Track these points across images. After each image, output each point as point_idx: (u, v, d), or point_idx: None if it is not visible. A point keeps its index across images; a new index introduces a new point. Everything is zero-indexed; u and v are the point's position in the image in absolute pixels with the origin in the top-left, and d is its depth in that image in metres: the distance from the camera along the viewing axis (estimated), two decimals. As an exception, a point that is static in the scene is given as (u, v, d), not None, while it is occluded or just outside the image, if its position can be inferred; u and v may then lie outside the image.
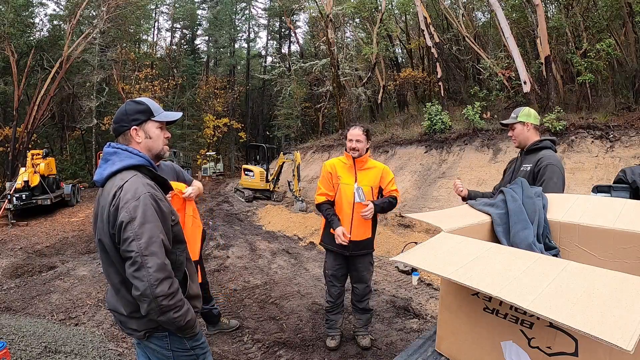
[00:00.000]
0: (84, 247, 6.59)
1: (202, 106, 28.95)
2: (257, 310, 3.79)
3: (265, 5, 35.26)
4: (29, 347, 2.57)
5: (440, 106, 10.98)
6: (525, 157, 2.35)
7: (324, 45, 18.73)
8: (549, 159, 2.18)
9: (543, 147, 2.28)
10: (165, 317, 1.29)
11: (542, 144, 2.29)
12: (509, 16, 11.14)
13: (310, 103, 25.32)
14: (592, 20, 10.23)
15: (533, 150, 2.31)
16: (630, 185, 2.12)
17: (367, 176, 2.81)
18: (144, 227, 1.27)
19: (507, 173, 2.49)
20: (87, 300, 3.99)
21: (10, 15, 15.33)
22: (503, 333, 0.94)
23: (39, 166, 10.18)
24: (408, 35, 19.41)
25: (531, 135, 2.35)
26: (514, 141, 2.40)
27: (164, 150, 1.54)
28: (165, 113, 1.54)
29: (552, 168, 2.13)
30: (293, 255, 5.98)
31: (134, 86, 22.31)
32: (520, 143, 2.37)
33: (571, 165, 7.22)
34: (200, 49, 34.31)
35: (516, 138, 2.37)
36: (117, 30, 19.96)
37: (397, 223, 8.27)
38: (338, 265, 2.89)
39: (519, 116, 2.34)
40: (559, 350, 0.83)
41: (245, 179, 13.83)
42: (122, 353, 2.89)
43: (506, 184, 2.39)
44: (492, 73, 11.19)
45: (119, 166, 1.38)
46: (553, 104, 8.79)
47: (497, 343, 0.95)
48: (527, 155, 2.34)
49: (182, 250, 1.49)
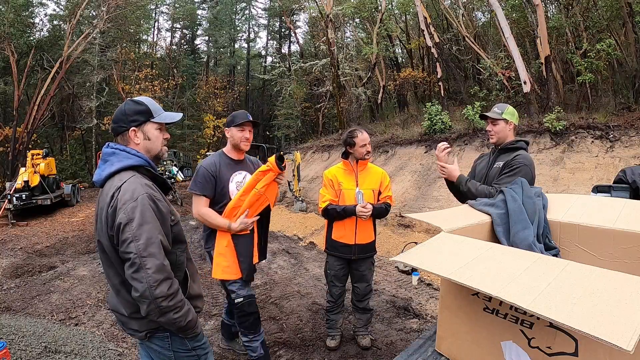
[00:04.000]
0: (84, 247, 6.58)
1: (202, 106, 28.92)
2: (257, 310, 3.78)
3: (265, 5, 35.26)
4: (29, 347, 2.57)
5: (440, 106, 10.97)
6: (499, 156, 2.38)
7: (324, 45, 18.72)
8: (525, 158, 2.22)
9: (518, 147, 2.32)
10: (165, 318, 1.29)
11: (517, 144, 2.33)
12: (509, 16, 11.14)
13: (310, 103, 25.29)
14: (592, 20, 10.23)
15: (508, 149, 2.34)
16: (630, 185, 2.13)
17: (368, 179, 2.83)
18: (142, 228, 1.26)
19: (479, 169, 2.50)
20: (87, 300, 3.99)
21: (10, 15, 15.33)
22: (503, 333, 0.94)
23: (39, 166, 10.17)
24: (408, 35, 19.40)
25: (510, 134, 2.38)
26: (492, 136, 2.41)
27: (162, 152, 1.53)
28: (165, 114, 1.53)
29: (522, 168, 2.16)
30: (293, 255, 5.98)
31: (134, 86, 22.30)
32: (499, 140, 2.40)
33: (571, 165, 7.23)
34: (200, 49, 34.30)
35: (496, 134, 2.39)
36: (117, 30, 19.95)
37: (397, 223, 8.26)
38: (340, 266, 2.90)
39: (504, 113, 2.36)
40: (559, 350, 0.83)
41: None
42: (122, 353, 2.89)
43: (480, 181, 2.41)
44: (492, 73, 11.18)
45: (117, 167, 1.37)
46: (553, 104, 8.79)
47: (497, 343, 0.95)
48: (501, 154, 2.38)
49: (182, 250, 1.48)
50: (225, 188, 2.41)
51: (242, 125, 2.43)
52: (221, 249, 2.37)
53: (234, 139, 2.46)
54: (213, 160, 2.46)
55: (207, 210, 2.38)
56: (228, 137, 2.49)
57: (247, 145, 2.48)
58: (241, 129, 2.44)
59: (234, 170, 2.47)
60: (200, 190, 2.36)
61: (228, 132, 2.48)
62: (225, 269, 2.35)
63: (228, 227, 2.34)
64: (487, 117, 2.40)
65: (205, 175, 2.37)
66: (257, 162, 2.64)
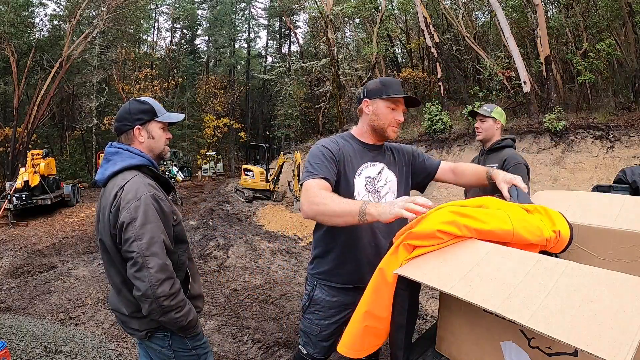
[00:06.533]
0: (84, 247, 6.58)
1: (202, 106, 28.94)
2: (257, 310, 3.78)
3: (265, 5, 35.28)
4: (29, 347, 2.57)
5: (440, 106, 10.98)
6: (488, 157, 2.44)
7: (324, 45, 18.72)
8: (515, 157, 2.29)
9: (505, 145, 2.40)
10: (167, 317, 1.29)
11: (504, 142, 2.41)
12: (509, 16, 11.14)
13: (310, 103, 25.29)
14: (592, 20, 10.23)
15: (496, 149, 2.41)
16: (630, 185, 2.13)
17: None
18: (145, 227, 1.27)
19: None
20: (87, 300, 3.99)
21: (10, 15, 15.32)
22: (503, 333, 0.94)
23: (39, 166, 10.17)
24: (408, 35, 19.40)
25: (497, 134, 2.46)
26: (480, 133, 2.48)
27: (165, 151, 1.55)
28: (169, 114, 1.54)
29: (520, 167, 2.24)
30: (293, 255, 5.98)
31: (134, 86, 22.32)
32: (485, 138, 2.46)
33: (571, 165, 7.23)
34: (200, 49, 34.33)
35: (484, 131, 2.46)
36: (117, 30, 19.97)
37: (397, 223, 8.26)
38: None
39: (493, 112, 2.43)
40: (558, 351, 0.83)
41: (245, 179, 13.83)
42: (122, 353, 2.89)
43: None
44: (492, 73, 11.18)
45: (120, 166, 1.38)
46: (553, 104, 8.79)
47: (497, 343, 0.95)
48: (490, 154, 2.44)
49: (184, 250, 1.49)
50: (349, 184, 1.56)
51: (395, 101, 1.57)
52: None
53: (378, 119, 1.57)
54: (336, 140, 1.61)
55: (328, 193, 1.36)
56: (367, 112, 1.60)
57: (395, 132, 1.61)
58: (393, 106, 1.57)
59: (365, 160, 1.62)
60: (317, 172, 1.45)
61: (368, 105, 1.59)
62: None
63: (370, 215, 1.19)
64: (477, 114, 2.47)
65: (323, 155, 1.50)
66: (401, 150, 1.76)
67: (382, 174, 1.64)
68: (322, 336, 1.64)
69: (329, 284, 1.63)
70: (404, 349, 1.16)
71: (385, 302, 1.11)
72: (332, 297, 1.63)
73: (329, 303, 1.63)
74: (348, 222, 1.25)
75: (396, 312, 1.12)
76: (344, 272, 1.60)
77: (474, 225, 1.05)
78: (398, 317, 1.13)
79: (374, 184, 1.62)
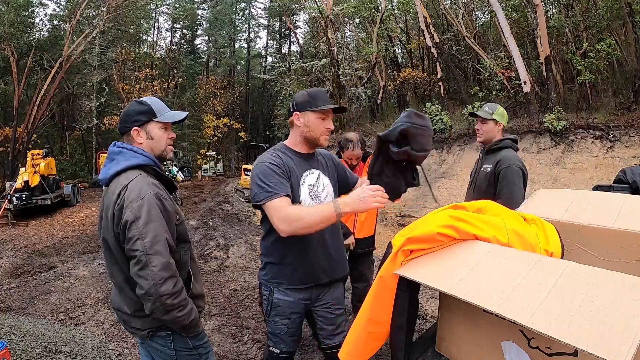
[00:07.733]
0: (84, 247, 6.58)
1: (202, 106, 28.90)
2: (257, 310, 3.78)
3: (265, 5, 35.24)
4: (29, 347, 2.57)
5: (440, 106, 10.99)
6: (485, 158, 2.39)
7: (324, 45, 18.72)
8: (509, 160, 2.21)
9: (503, 146, 2.32)
10: (169, 316, 1.30)
11: (502, 143, 2.33)
12: (509, 16, 11.14)
13: (311, 103, 25.25)
14: (592, 20, 10.23)
15: (493, 150, 2.35)
16: (630, 185, 2.13)
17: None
18: (149, 226, 1.28)
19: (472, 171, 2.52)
20: (87, 300, 3.99)
21: (10, 15, 15.31)
22: (503, 333, 0.94)
23: (39, 166, 10.16)
24: (408, 35, 19.39)
25: (498, 135, 2.39)
26: (480, 135, 2.42)
27: (167, 151, 1.54)
28: (169, 113, 1.53)
29: (513, 169, 2.16)
30: (293, 255, 5.98)
31: (134, 86, 22.28)
32: (486, 140, 2.40)
33: (571, 165, 7.23)
34: (200, 49, 34.29)
35: (484, 133, 2.40)
36: (117, 30, 19.94)
37: (397, 223, 8.26)
38: None
39: (494, 113, 2.36)
40: (558, 351, 0.84)
41: (245, 179, 13.81)
42: (122, 353, 2.89)
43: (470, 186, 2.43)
44: (492, 73, 11.19)
45: (123, 165, 1.39)
46: (553, 104, 8.79)
47: (497, 343, 0.95)
48: (487, 155, 2.39)
49: (186, 250, 1.50)
50: (296, 194, 1.67)
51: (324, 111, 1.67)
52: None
53: (310, 130, 1.68)
54: (276, 154, 1.70)
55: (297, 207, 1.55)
56: (298, 124, 1.71)
57: (327, 139, 1.73)
58: (323, 116, 1.68)
59: (304, 169, 1.74)
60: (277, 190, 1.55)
61: (299, 118, 1.69)
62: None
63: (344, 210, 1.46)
64: (478, 115, 2.39)
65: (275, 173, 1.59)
66: (329, 157, 1.92)
67: (319, 180, 1.79)
68: (290, 332, 1.79)
69: (287, 286, 1.76)
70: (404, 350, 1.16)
71: (386, 307, 1.15)
72: (291, 297, 1.76)
73: (289, 303, 1.76)
74: (327, 225, 1.52)
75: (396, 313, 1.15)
76: (300, 274, 1.73)
77: (472, 231, 1.10)
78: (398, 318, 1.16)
79: (315, 190, 1.76)
